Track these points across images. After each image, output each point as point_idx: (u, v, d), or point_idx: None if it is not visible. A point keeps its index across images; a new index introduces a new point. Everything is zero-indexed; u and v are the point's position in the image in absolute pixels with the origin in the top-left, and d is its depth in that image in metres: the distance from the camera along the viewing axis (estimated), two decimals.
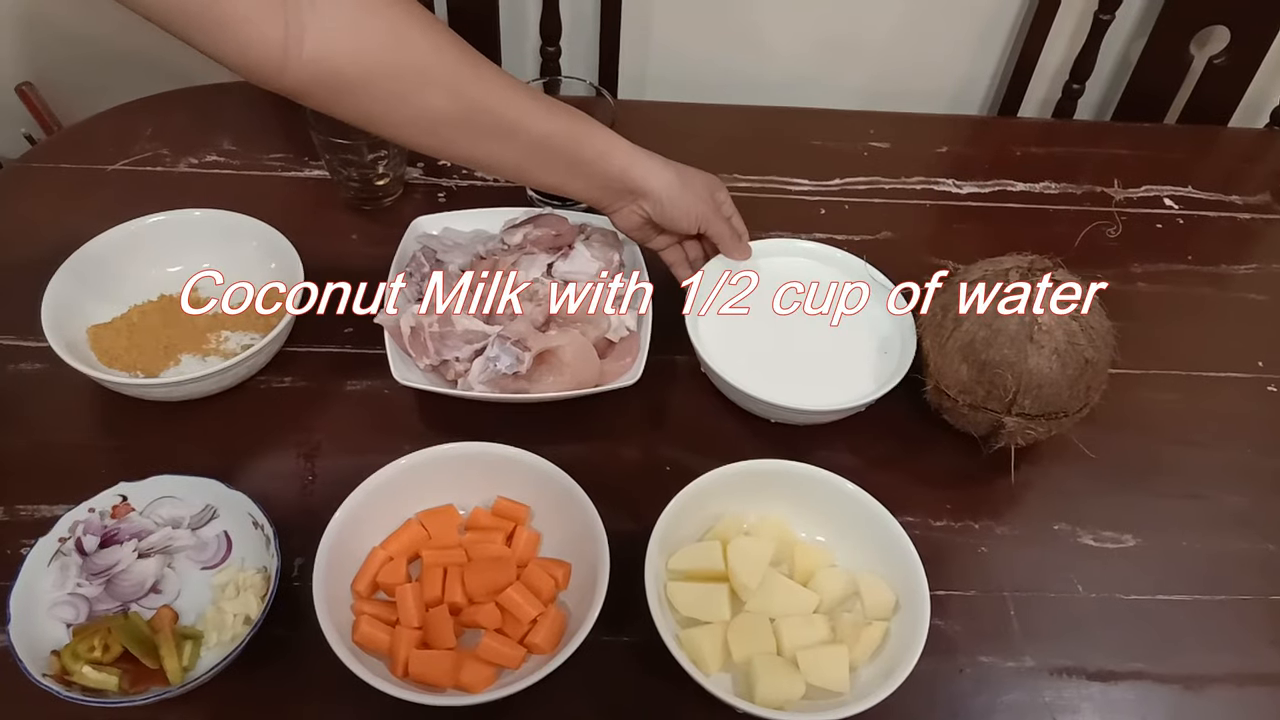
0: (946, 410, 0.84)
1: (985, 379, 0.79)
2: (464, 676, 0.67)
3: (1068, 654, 0.75)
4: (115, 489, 0.73)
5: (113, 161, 1.05)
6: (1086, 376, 0.79)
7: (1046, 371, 0.78)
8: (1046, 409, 0.80)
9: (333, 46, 0.68)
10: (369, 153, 0.96)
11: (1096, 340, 0.80)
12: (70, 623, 0.69)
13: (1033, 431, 0.81)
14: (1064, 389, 0.79)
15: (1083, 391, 0.80)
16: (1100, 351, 0.80)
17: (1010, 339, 0.78)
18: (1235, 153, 1.24)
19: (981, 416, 0.81)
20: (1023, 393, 0.78)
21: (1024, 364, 0.78)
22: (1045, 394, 0.79)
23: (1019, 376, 0.78)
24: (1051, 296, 0.79)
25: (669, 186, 0.83)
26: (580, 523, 0.72)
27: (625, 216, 0.86)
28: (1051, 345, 0.78)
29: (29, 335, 0.84)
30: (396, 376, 0.82)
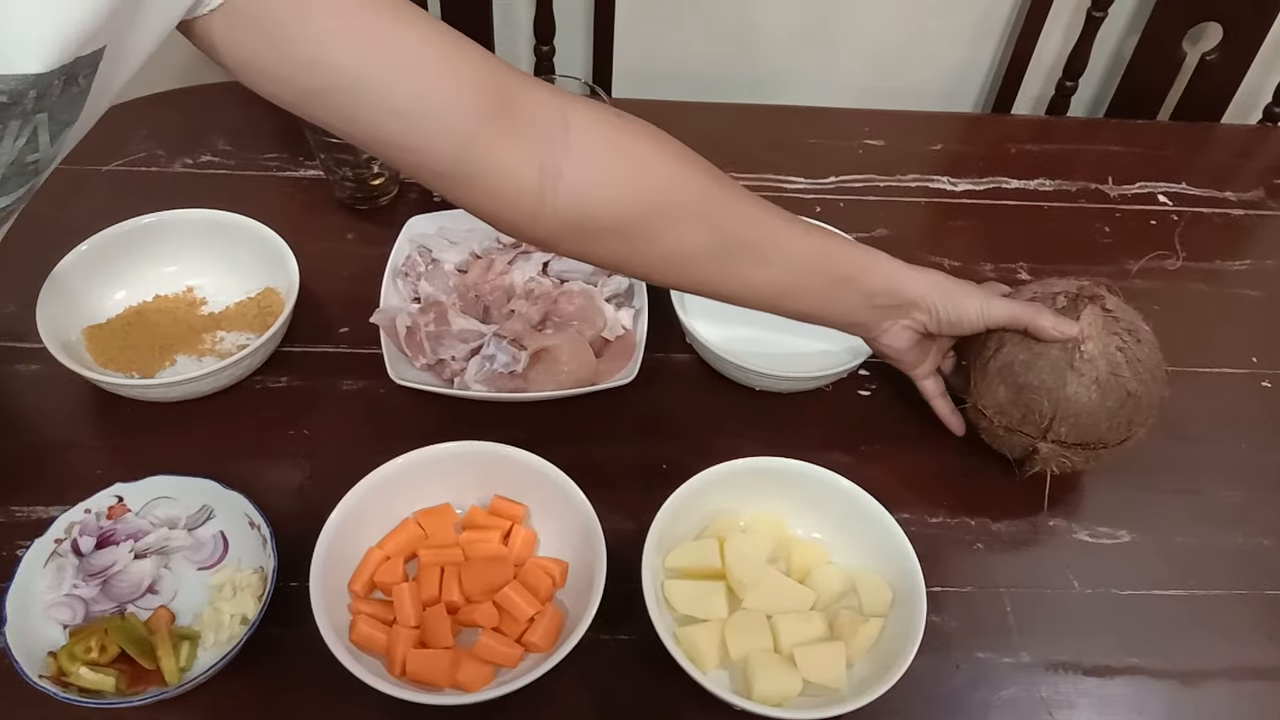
0: (983, 430, 0.83)
1: (1022, 402, 0.78)
2: (461, 675, 0.67)
3: (1063, 649, 0.76)
4: (111, 490, 0.73)
5: (107, 162, 1.05)
6: (1128, 409, 0.77)
7: (1085, 401, 0.76)
8: (1083, 439, 0.78)
9: (587, 193, 0.66)
10: (364, 152, 0.96)
11: (1143, 373, 0.77)
12: (67, 624, 0.69)
13: (1068, 460, 0.79)
14: (1102, 420, 0.77)
15: (1124, 424, 0.78)
16: (1146, 386, 0.77)
17: (1051, 364, 0.76)
18: (1229, 149, 1.25)
19: (1016, 440, 0.80)
20: (1059, 420, 0.77)
21: (1062, 391, 0.76)
22: (1083, 423, 0.77)
23: (1056, 403, 0.76)
24: (1098, 324, 0.77)
25: (940, 283, 0.77)
26: (577, 521, 0.72)
27: (896, 335, 0.79)
28: (1093, 374, 0.76)
29: (24, 337, 0.84)
30: (393, 376, 0.82)
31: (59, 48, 0.45)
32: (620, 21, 1.25)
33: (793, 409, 0.89)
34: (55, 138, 0.51)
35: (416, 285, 0.90)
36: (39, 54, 0.44)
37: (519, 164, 0.63)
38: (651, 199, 0.68)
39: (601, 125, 0.67)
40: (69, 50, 0.45)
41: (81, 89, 0.49)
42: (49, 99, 0.47)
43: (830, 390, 0.90)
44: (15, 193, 0.52)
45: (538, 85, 0.65)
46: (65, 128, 0.51)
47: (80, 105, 0.50)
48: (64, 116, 0.50)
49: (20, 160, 0.50)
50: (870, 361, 0.88)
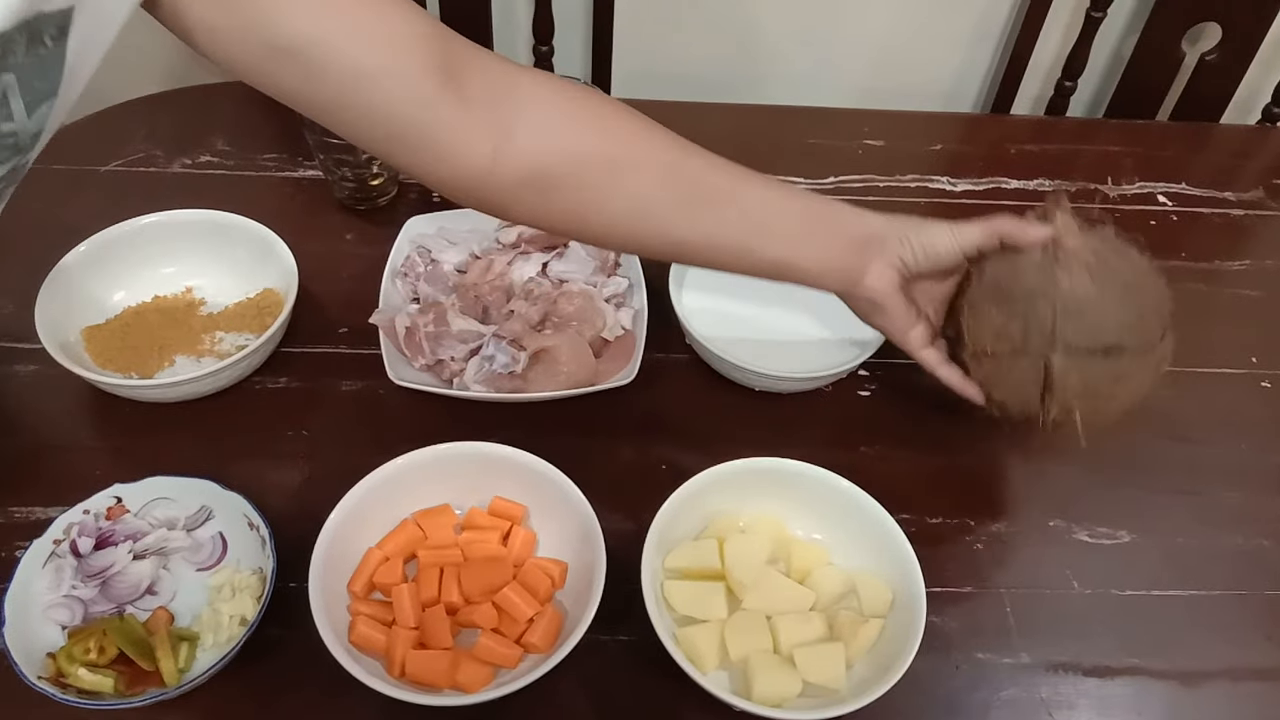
0: (991, 380, 0.75)
1: (1019, 313, 0.71)
2: (461, 676, 0.67)
3: (1063, 650, 0.76)
4: (110, 490, 0.73)
5: (106, 162, 1.05)
6: (1134, 299, 0.71)
7: (1082, 291, 0.69)
8: (1096, 338, 0.70)
9: (539, 143, 0.66)
10: (363, 152, 0.96)
11: (1134, 270, 0.72)
12: (65, 625, 0.69)
13: (1090, 372, 0.71)
14: (1110, 312, 0.70)
15: (1135, 318, 0.71)
16: (1145, 279, 0.72)
17: (1036, 269, 0.70)
18: (1228, 149, 1.25)
19: (1026, 368, 0.72)
20: (1063, 318, 0.69)
21: (1055, 288, 0.70)
22: (1089, 318, 0.70)
23: (1052, 301, 0.70)
24: (1072, 225, 0.71)
25: (904, 219, 0.74)
26: (576, 522, 0.72)
27: (878, 278, 0.74)
28: (1081, 264, 0.70)
29: (23, 337, 0.84)
30: (392, 376, 0.82)
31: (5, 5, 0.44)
32: (619, 22, 1.25)
33: (792, 409, 0.89)
34: (31, 109, 0.50)
35: (416, 286, 0.90)
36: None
37: (470, 122, 0.64)
38: (605, 148, 0.68)
39: (550, 83, 0.68)
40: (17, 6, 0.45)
41: (51, 51, 0.49)
42: (13, 58, 0.46)
43: (830, 390, 0.90)
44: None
45: (486, 52, 0.66)
46: (43, 99, 0.50)
47: (56, 73, 0.50)
48: (38, 84, 0.49)
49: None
50: (870, 362, 0.88)
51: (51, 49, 0.49)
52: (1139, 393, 0.74)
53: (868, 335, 0.88)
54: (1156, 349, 0.73)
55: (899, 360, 0.91)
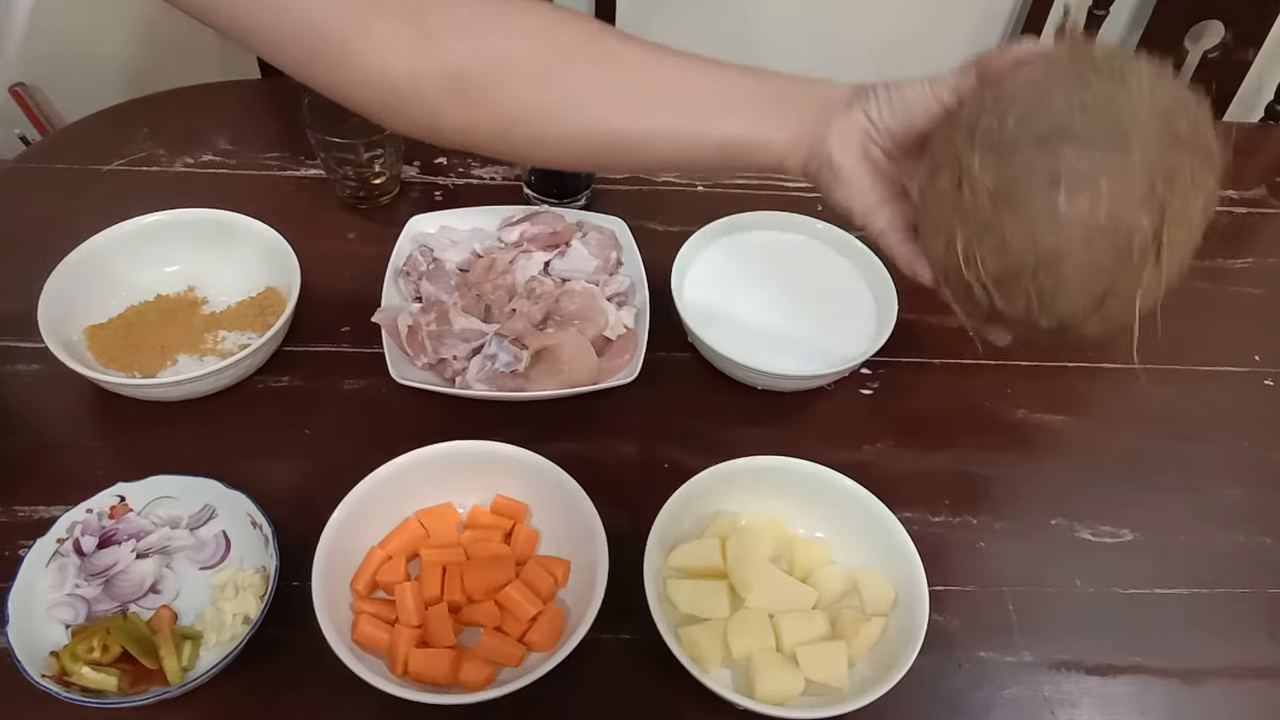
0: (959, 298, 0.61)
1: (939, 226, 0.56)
2: (463, 675, 0.67)
3: (1066, 648, 0.76)
4: (113, 489, 0.73)
5: (108, 162, 1.05)
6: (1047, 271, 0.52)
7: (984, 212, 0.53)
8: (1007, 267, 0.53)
9: (462, 47, 0.63)
10: (365, 151, 0.96)
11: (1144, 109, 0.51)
12: (69, 623, 0.69)
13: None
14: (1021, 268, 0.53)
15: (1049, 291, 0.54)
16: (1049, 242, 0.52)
17: (940, 197, 0.54)
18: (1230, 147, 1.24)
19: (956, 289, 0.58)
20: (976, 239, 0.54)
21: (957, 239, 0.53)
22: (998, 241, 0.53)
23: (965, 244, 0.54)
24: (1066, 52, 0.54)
25: (861, 84, 0.65)
26: (579, 520, 0.72)
27: (839, 138, 0.64)
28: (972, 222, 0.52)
29: (26, 336, 0.84)
30: (394, 375, 0.82)
31: None
32: (621, 22, 1.25)
33: (794, 408, 0.89)
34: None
35: (418, 284, 0.90)
36: None
37: (386, 27, 0.62)
38: (531, 46, 0.64)
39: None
40: None
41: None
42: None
43: (832, 389, 0.90)
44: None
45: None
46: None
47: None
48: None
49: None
50: (872, 360, 0.88)
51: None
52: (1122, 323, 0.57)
53: (870, 334, 0.88)
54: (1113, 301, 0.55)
55: (902, 359, 0.92)
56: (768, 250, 0.96)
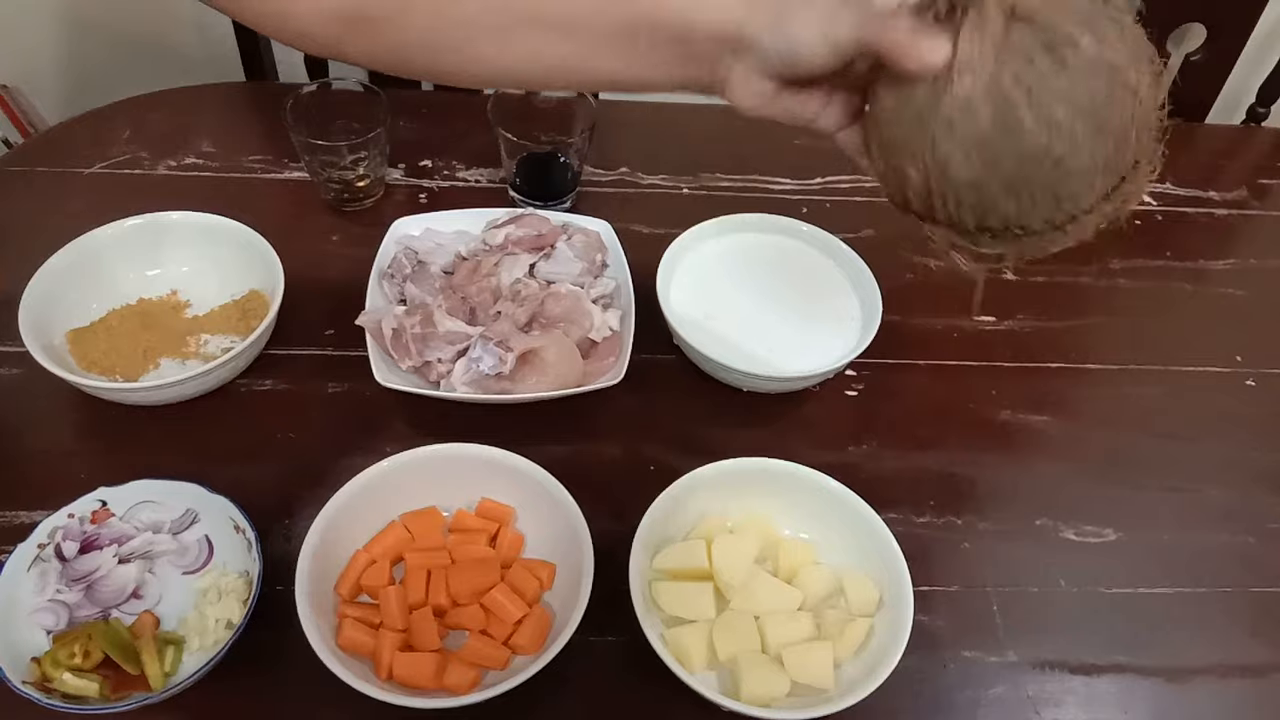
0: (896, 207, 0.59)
1: (892, 169, 0.55)
2: (449, 678, 0.67)
3: (1050, 648, 0.76)
4: (95, 494, 0.73)
5: (90, 164, 1.04)
6: (1045, 176, 0.51)
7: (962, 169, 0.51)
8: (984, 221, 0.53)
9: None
10: (349, 154, 0.96)
11: (1063, 115, 0.50)
12: (50, 629, 0.68)
13: (976, 249, 0.55)
14: (1001, 193, 0.52)
15: (1045, 199, 0.52)
16: (1071, 135, 0.50)
17: (914, 114, 0.52)
18: (1213, 149, 1.25)
19: (911, 221, 0.57)
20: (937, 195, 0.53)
21: (931, 153, 0.51)
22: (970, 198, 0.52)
23: (927, 171, 0.53)
24: (986, 40, 0.49)
25: (760, 5, 0.56)
26: (564, 523, 0.72)
27: (741, 87, 0.59)
28: (969, 128, 0.50)
29: (6, 340, 0.83)
30: (378, 378, 0.81)
31: None
32: None
33: (780, 409, 0.89)
34: None
35: (403, 287, 0.90)
36: None
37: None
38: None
39: None
40: None
41: None
42: None
43: (817, 390, 0.90)
44: None
45: None
46: None
47: None
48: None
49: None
50: (857, 362, 0.88)
51: None
52: (1072, 244, 0.56)
53: (855, 336, 0.89)
54: (1092, 213, 0.54)
55: (887, 360, 0.92)
56: (753, 252, 0.96)
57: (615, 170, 1.08)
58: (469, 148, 1.09)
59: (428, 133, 1.09)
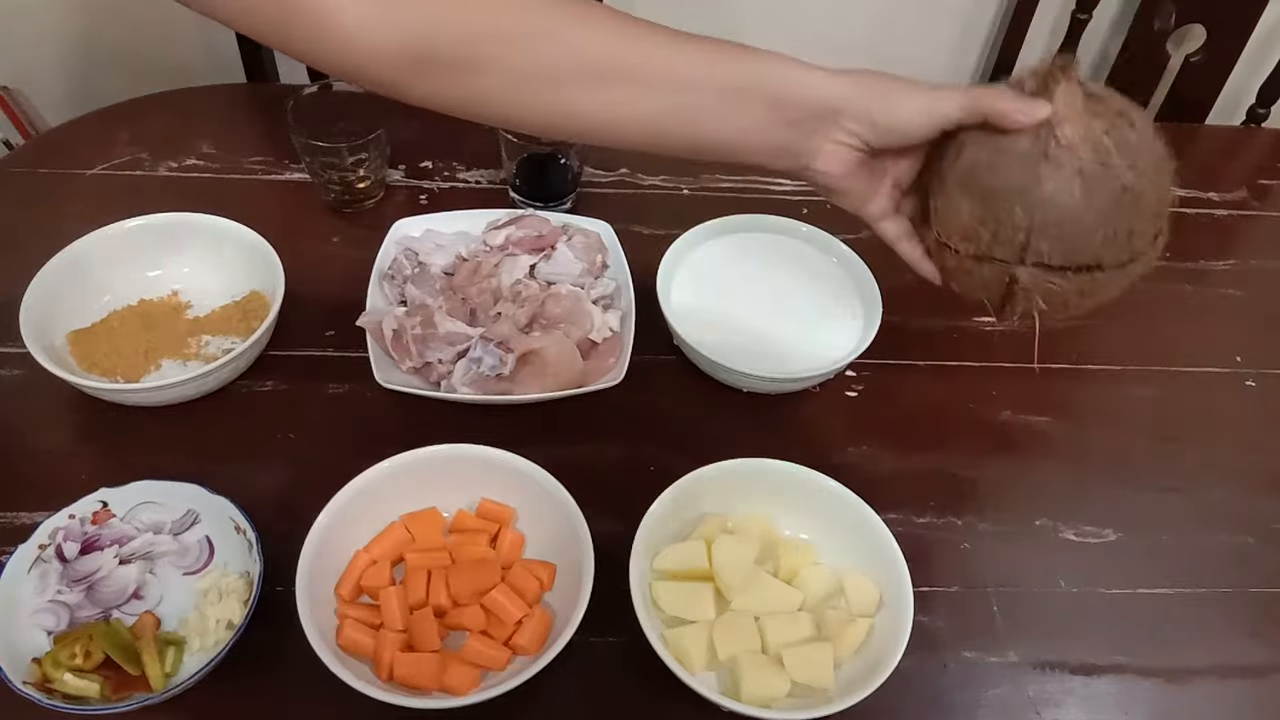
0: (951, 272, 0.68)
1: (990, 215, 0.62)
2: (449, 679, 0.67)
3: (1050, 648, 0.76)
4: (96, 495, 0.73)
5: (91, 166, 1.04)
6: (1126, 211, 0.61)
7: (1067, 200, 0.60)
8: (1072, 256, 0.62)
9: (423, 15, 0.61)
10: (350, 155, 0.96)
11: (1141, 163, 0.60)
12: (51, 630, 0.68)
13: (1055, 287, 0.63)
14: (1094, 226, 0.61)
15: (1124, 234, 0.62)
16: (1148, 179, 0.61)
17: (1020, 159, 0.60)
18: (1213, 150, 1.25)
19: (989, 271, 0.64)
20: (1037, 231, 0.61)
21: (1037, 191, 0.60)
22: (1068, 233, 0.61)
23: (1031, 209, 0.60)
24: (1076, 102, 0.60)
25: (869, 82, 0.63)
26: (565, 524, 0.72)
27: (829, 157, 0.65)
28: (1074, 165, 0.59)
29: (7, 341, 0.83)
30: (379, 379, 0.82)
31: None
32: None
33: (780, 410, 0.89)
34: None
35: (403, 288, 0.90)
36: None
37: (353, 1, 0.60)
38: (495, 22, 0.62)
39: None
40: None
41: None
42: None
43: (817, 391, 0.90)
44: None
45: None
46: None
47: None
48: None
49: None
50: (857, 362, 0.88)
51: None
52: (1110, 298, 0.66)
53: (855, 336, 0.89)
54: (1141, 259, 0.64)
55: (886, 361, 0.92)
56: (753, 253, 0.96)
57: (615, 171, 1.09)
58: (469, 149, 1.09)
59: (428, 134, 1.09)
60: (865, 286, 0.92)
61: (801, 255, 0.96)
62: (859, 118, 0.63)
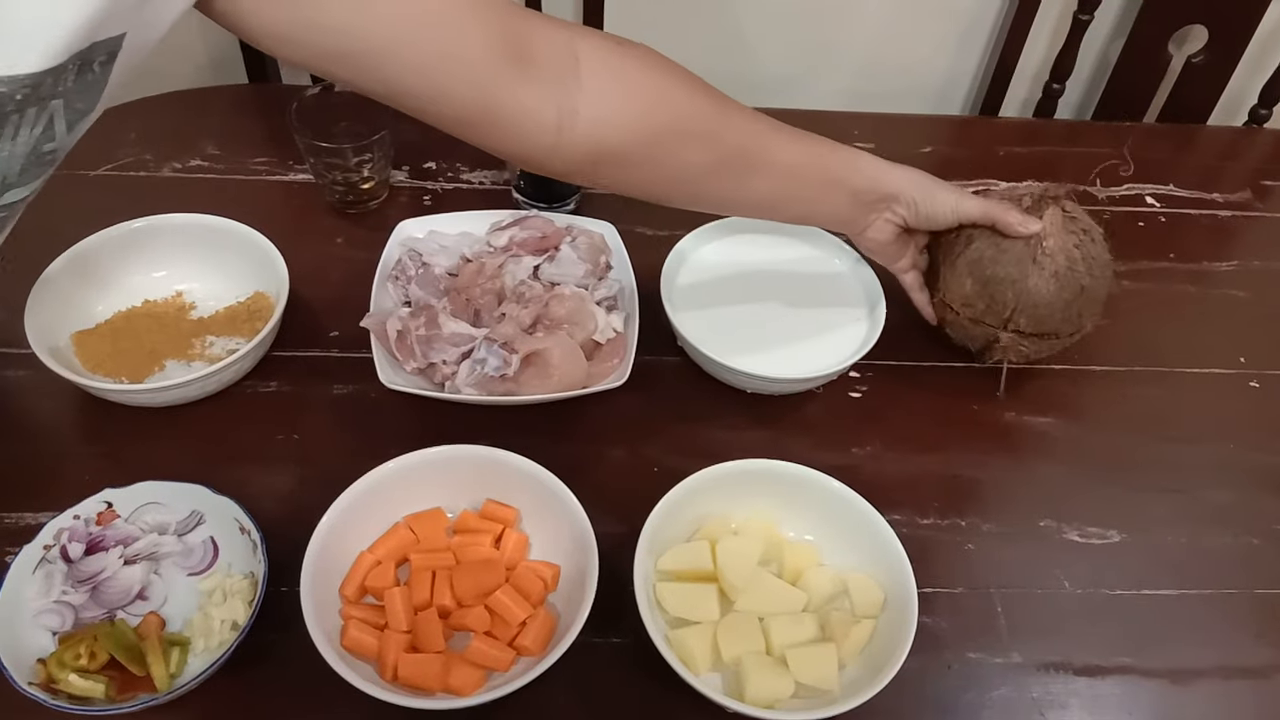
0: (947, 323, 0.90)
1: (987, 294, 0.85)
2: (453, 680, 0.67)
3: (1054, 649, 0.76)
4: (101, 495, 0.73)
5: (96, 166, 1.04)
6: (1080, 303, 0.85)
7: (1044, 292, 0.83)
8: (1040, 329, 0.85)
9: (603, 124, 0.69)
10: (354, 156, 0.96)
11: (1095, 270, 0.85)
12: (56, 630, 0.68)
13: (1024, 349, 0.87)
14: (1058, 311, 0.84)
15: (1075, 317, 0.86)
16: (1097, 281, 0.85)
17: (1015, 258, 0.83)
18: (1215, 150, 1.25)
19: (979, 330, 0.87)
20: (1020, 311, 0.84)
21: (1024, 283, 0.83)
22: (1040, 314, 0.84)
23: (1018, 295, 0.84)
24: (1059, 223, 0.84)
25: (918, 179, 0.83)
26: (569, 524, 0.72)
27: (879, 229, 0.85)
28: (1052, 268, 0.83)
29: (12, 342, 0.83)
30: (383, 380, 0.82)
31: (64, 42, 0.45)
32: (610, 25, 1.25)
33: (783, 411, 0.89)
34: (71, 126, 0.51)
35: (407, 289, 0.90)
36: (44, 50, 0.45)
37: (536, 105, 0.66)
38: (658, 124, 0.72)
39: (608, 56, 0.70)
40: (76, 43, 0.46)
41: (98, 76, 0.49)
42: (63, 85, 0.47)
43: (821, 392, 0.90)
44: (32, 184, 0.53)
45: (544, 21, 0.68)
46: (82, 117, 0.51)
47: (98, 93, 0.51)
48: (80, 104, 0.50)
49: (37, 150, 0.50)
50: (861, 363, 0.88)
51: (99, 74, 0.50)
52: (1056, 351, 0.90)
53: (859, 337, 0.89)
54: (1081, 331, 0.88)
55: (890, 362, 0.92)
56: (756, 254, 0.96)
57: None
58: (473, 150, 1.07)
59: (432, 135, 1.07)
60: (869, 287, 0.92)
61: (805, 256, 0.96)
62: (909, 205, 0.83)
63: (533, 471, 0.74)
